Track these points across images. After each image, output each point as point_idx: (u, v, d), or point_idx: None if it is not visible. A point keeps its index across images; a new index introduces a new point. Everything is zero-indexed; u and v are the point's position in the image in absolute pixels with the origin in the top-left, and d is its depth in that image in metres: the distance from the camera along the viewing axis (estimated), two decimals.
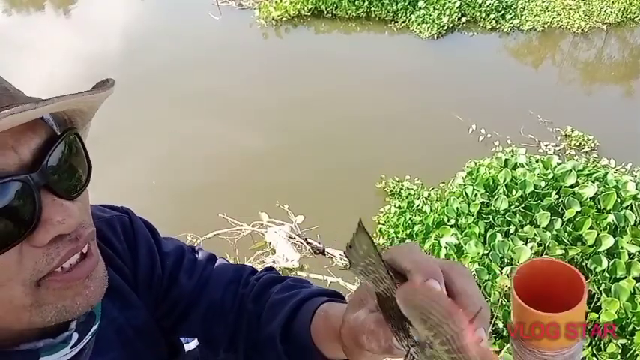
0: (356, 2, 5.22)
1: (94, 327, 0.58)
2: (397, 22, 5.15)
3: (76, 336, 0.56)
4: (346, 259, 0.42)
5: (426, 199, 2.88)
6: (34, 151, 0.47)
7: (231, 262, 0.89)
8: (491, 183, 2.28)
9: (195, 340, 1.06)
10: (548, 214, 1.97)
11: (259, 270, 0.83)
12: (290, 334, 0.66)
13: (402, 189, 3.04)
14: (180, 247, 0.80)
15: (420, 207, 2.76)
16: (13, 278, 0.46)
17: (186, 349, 1.04)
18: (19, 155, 0.45)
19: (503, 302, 1.85)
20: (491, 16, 5.06)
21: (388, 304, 0.42)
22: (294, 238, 2.23)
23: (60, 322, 0.51)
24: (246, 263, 2.28)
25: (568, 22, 5.01)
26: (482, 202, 2.18)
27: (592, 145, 3.47)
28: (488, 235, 2.06)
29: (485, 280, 1.93)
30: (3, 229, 0.44)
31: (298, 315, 0.65)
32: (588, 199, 2.02)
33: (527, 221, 2.04)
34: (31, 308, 0.48)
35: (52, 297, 0.49)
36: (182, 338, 1.01)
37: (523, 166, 2.35)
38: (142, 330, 0.70)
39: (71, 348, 0.55)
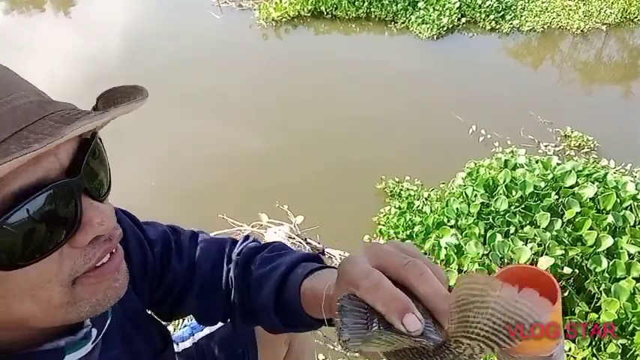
0: (356, 3, 5.22)
1: (108, 321, 0.60)
2: (397, 22, 5.15)
3: (95, 332, 0.57)
4: (348, 347, 0.44)
5: (426, 199, 2.88)
6: (71, 155, 0.48)
7: None
8: (491, 183, 2.28)
9: (191, 338, 1.07)
10: (548, 214, 1.98)
11: (240, 240, 0.84)
12: (282, 305, 0.69)
13: (401, 189, 3.04)
14: (164, 231, 0.82)
15: (420, 207, 2.76)
16: (52, 279, 0.48)
17: (182, 348, 1.05)
18: (59, 160, 0.47)
19: None
20: (491, 16, 5.07)
21: (408, 353, 0.46)
22: (294, 238, 2.23)
23: (92, 316, 0.53)
24: None
25: (568, 23, 5.01)
26: (482, 203, 2.18)
27: (592, 145, 3.47)
28: (488, 235, 2.06)
29: None
30: (48, 234, 0.45)
31: (285, 290, 0.69)
32: (588, 200, 2.03)
33: (527, 222, 2.04)
34: (67, 306, 0.50)
35: (87, 293, 0.51)
36: (175, 337, 1.03)
37: (523, 167, 2.35)
38: (136, 321, 0.72)
39: (92, 344, 0.57)
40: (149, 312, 0.83)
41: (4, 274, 0.44)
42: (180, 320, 1.86)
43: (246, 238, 0.85)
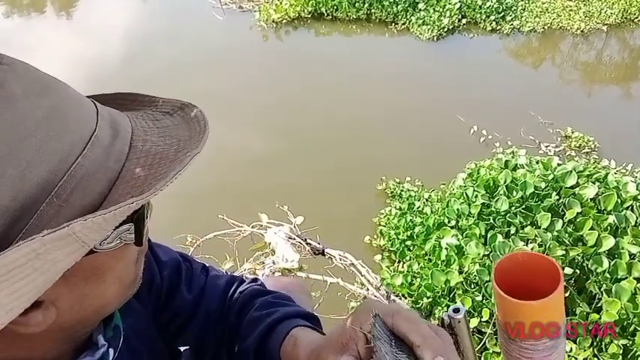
0: (356, 4, 5.23)
1: (121, 340, 0.60)
2: (397, 23, 5.16)
3: (112, 352, 0.58)
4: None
5: (427, 200, 2.87)
6: None
7: (231, 263, 0.91)
8: (491, 184, 2.28)
9: None
10: (549, 214, 1.97)
11: (247, 280, 0.84)
12: (264, 353, 0.69)
13: (402, 190, 3.03)
14: (175, 257, 0.82)
15: (420, 208, 2.76)
16: (133, 258, 0.54)
17: (183, 349, 1.04)
18: None
19: None
20: (492, 17, 5.07)
21: None
22: (294, 238, 2.23)
23: (135, 292, 0.58)
24: (245, 264, 2.27)
25: (568, 24, 5.01)
26: (482, 203, 2.18)
27: (592, 146, 3.47)
28: (489, 236, 2.05)
29: (486, 281, 1.93)
30: (145, 216, 0.51)
31: (272, 335, 0.69)
32: (589, 200, 2.02)
33: (528, 222, 2.03)
34: (132, 284, 0.56)
35: (139, 269, 0.57)
36: None
37: (523, 167, 2.34)
38: (143, 334, 0.71)
39: None
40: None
41: (121, 255, 0.49)
42: None
43: (255, 280, 0.85)
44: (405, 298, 2.16)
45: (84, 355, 0.55)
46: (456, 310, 0.51)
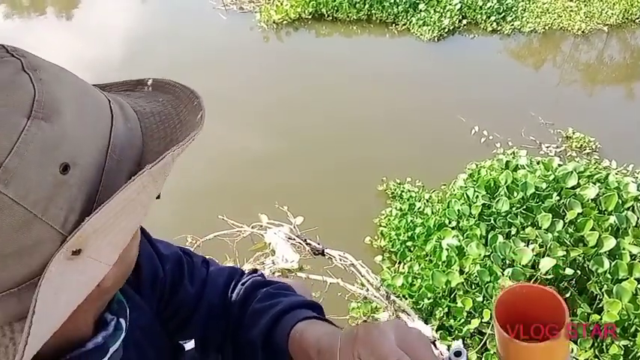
0: (356, 5, 5.23)
1: (128, 310, 0.61)
2: (398, 24, 5.16)
3: (122, 321, 0.59)
4: None
5: (427, 201, 2.87)
6: None
7: (231, 264, 0.91)
8: (492, 185, 2.27)
9: (193, 340, 1.06)
10: (550, 215, 1.96)
11: (247, 272, 0.85)
12: (270, 344, 0.70)
13: (403, 191, 3.03)
14: (176, 251, 0.82)
15: (421, 209, 2.75)
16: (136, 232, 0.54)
17: (187, 348, 1.04)
18: None
19: None
20: (492, 18, 5.07)
21: None
22: (294, 239, 2.22)
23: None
24: (245, 264, 2.27)
25: (569, 24, 5.01)
26: (483, 204, 2.17)
27: (593, 146, 3.46)
28: (489, 236, 2.05)
29: (487, 282, 1.92)
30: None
31: (278, 328, 0.70)
32: (590, 201, 2.01)
33: (529, 223, 2.03)
34: (136, 258, 0.56)
35: (138, 246, 0.57)
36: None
37: (524, 168, 2.34)
38: (147, 330, 0.72)
39: (124, 332, 0.58)
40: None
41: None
42: None
43: (255, 271, 0.85)
44: (406, 299, 2.15)
45: (99, 333, 0.56)
46: (458, 354, 0.52)
